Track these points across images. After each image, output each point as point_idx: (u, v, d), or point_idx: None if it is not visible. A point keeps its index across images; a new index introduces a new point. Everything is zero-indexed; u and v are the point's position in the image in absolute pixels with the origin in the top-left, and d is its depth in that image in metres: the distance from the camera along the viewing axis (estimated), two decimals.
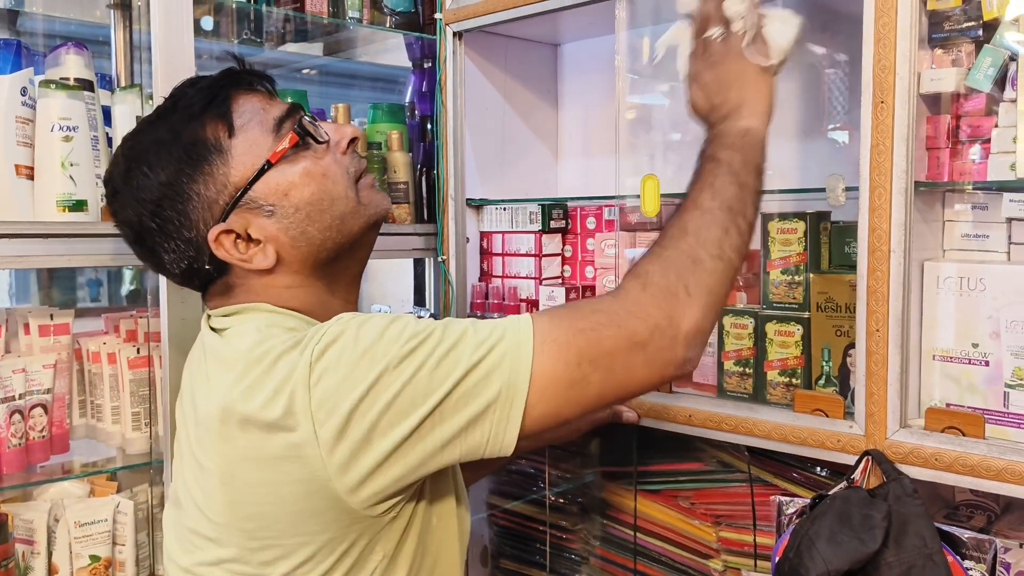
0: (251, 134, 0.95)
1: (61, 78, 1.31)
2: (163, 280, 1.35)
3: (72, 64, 1.33)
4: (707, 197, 0.91)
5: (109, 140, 1.37)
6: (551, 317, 0.87)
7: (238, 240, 0.95)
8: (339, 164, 0.98)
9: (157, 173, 0.93)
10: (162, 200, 0.94)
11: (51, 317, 1.36)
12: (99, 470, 1.41)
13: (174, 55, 1.33)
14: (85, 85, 1.32)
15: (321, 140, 0.97)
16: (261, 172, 0.94)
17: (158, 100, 1.32)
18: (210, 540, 0.91)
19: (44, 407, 1.31)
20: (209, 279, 0.98)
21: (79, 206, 1.29)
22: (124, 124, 1.36)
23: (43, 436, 1.32)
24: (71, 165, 1.28)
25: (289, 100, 1.02)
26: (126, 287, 1.88)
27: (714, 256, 0.88)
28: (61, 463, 1.38)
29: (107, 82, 1.46)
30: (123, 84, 1.52)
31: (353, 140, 1.01)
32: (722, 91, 0.98)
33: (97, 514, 1.34)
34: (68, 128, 1.28)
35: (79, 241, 1.27)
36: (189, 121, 0.94)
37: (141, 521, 1.41)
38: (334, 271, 1.00)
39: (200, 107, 0.94)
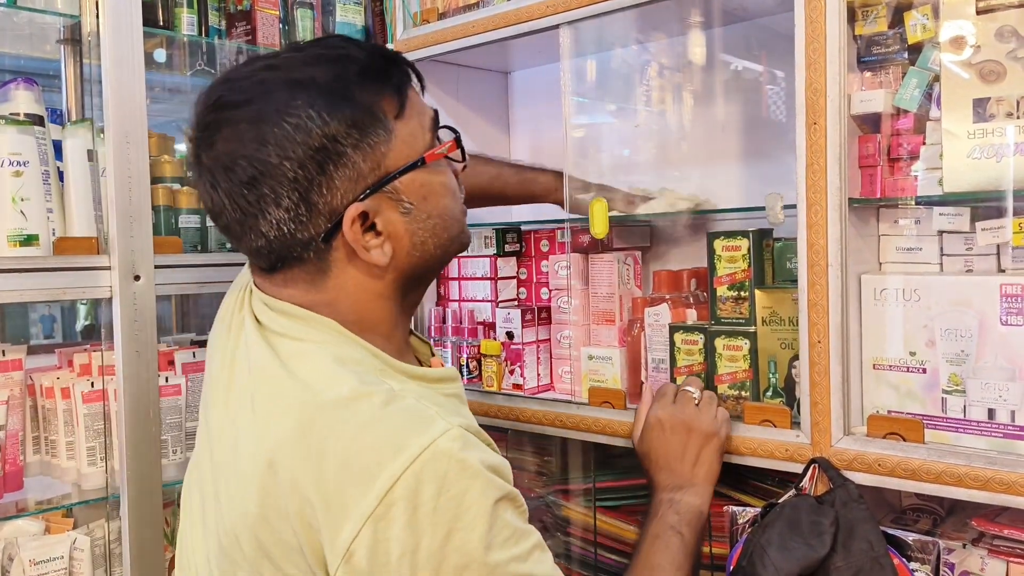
0: (413, 124, 0.88)
1: (11, 113, 1.31)
2: (116, 312, 1.34)
3: (22, 99, 1.33)
4: (672, 571, 1.04)
5: (60, 174, 1.37)
6: None
7: (363, 226, 0.85)
8: (459, 189, 0.95)
9: (326, 121, 0.81)
10: (320, 152, 0.81)
11: (3, 353, 1.35)
12: (54, 507, 1.38)
13: (125, 89, 1.34)
14: (35, 120, 1.33)
15: (466, 159, 0.94)
16: (412, 166, 0.87)
17: (109, 134, 1.32)
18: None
19: None
20: (296, 258, 0.86)
21: (30, 240, 1.28)
22: (75, 158, 1.36)
23: None
24: (22, 200, 1.28)
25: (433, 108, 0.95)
26: (80, 323, 1.86)
27: None
28: (15, 501, 1.36)
29: (58, 116, 1.46)
30: (74, 118, 1.52)
31: (464, 168, 0.96)
32: (686, 460, 1.13)
33: (53, 551, 1.32)
34: (18, 163, 1.27)
35: (31, 276, 1.27)
36: (366, 82, 0.84)
37: (98, 558, 1.39)
38: (416, 291, 0.95)
39: (378, 74, 0.85)
